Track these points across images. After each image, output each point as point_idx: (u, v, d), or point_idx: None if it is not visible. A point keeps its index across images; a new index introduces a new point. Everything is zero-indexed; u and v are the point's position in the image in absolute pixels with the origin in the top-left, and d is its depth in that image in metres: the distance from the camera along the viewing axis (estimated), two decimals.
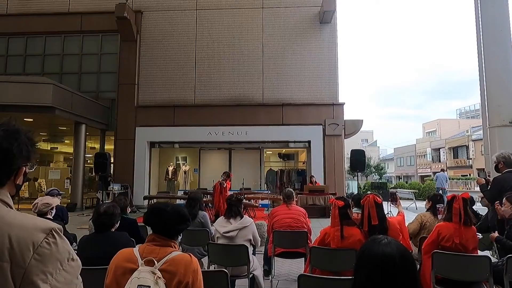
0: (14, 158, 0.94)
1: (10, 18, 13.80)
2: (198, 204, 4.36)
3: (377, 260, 1.16)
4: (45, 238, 0.87)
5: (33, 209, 3.63)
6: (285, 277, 4.72)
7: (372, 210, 2.89)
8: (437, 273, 2.91)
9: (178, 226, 1.77)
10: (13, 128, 0.96)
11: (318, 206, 10.22)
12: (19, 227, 0.87)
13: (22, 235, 0.85)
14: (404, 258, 1.16)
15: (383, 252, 1.17)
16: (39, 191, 14.05)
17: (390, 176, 48.08)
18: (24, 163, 0.98)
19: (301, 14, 13.20)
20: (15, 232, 0.85)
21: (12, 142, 0.94)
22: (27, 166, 1.00)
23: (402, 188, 20.76)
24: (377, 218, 2.87)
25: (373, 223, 2.87)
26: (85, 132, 12.34)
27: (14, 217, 0.89)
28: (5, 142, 0.93)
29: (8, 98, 9.82)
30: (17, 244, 0.84)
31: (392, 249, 1.17)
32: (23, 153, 0.96)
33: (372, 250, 1.20)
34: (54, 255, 0.87)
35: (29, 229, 0.87)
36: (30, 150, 0.99)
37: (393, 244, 1.20)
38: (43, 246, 0.86)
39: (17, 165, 0.95)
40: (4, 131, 0.94)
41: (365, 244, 1.27)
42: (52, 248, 0.87)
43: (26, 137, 0.98)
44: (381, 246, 1.19)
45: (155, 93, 13.15)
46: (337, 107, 12.71)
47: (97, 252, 2.40)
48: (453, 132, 40.65)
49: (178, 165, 14.82)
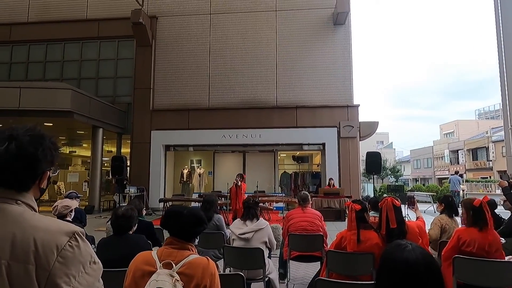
0: (39, 163, 0.96)
1: (30, 26, 14.25)
2: (213, 207, 4.38)
3: (401, 268, 1.11)
4: (68, 241, 0.88)
5: (53, 211, 3.70)
6: (300, 281, 4.68)
7: (390, 213, 2.83)
8: (458, 278, 2.83)
9: (195, 229, 1.78)
10: (38, 133, 0.98)
11: (333, 209, 10.11)
12: (44, 230, 0.88)
13: (47, 238, 0.87)
14: (430, 266, 1.11)
15: (407, 259, 1.12)
16: (58, 194, 14.40)
17: (406, 178, 47.20)
18: (48, 167, 1.00)
19: (314, 16, 13.15)
20: (39, 235, 0.87)
21: (37, 147, 0.95)
22: (51, 170, 1.02)
23: (420, 190, 20.33)
24: (395, 221, 2.81)
25: (391, 226, 2.81)
26: (102, 136, 12.59)
27: (38, 220, 0.91)
28: (31, 147, 0.94)
29: (29, 104, 10.12)
30: (41, 247, 0.85)
31: (417, 256, 1.12)
32: (48, 158, 0.98)
33: (395, 257, 1.15)
34: (77, 258, 0.88)
35: (53, 232, 0.89)
36: (54, 154, 1.01)
37: (418, 250, 1.15)
38: (66, 249, 0.87)
39: (42, 169, 0.97)
40: (30, 136, 0.95)
41: (388, 250, 1.22)
42: (75, 251, 0.88)
43: (50, 142, 1.00)
44: (405, 252, 1.14)
45: (170, 97, 13.31)
46: (351, 109, 12.58)
47: (116, 254, 2.43)
48: (471, 133, 39.64)
49: (193, 168, 14.95)
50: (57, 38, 14.17)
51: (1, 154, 0.91)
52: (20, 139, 0.94)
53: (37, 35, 14.17)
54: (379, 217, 2.96)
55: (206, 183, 14.30)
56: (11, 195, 0.92)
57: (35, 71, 14.35)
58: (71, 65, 14.27)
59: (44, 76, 14.20)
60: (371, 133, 13.11)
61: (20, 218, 0.90)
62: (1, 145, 0.92)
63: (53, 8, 14.27)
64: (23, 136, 0.94)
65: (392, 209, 2.83)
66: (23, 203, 0.94)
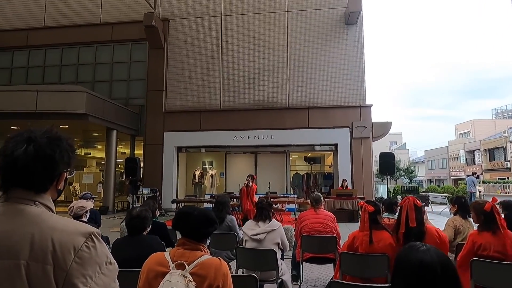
0: (57, 164, 0.97)
1: (46, 30, 14.59)
2: (225, 207, 4.39)
3: (415, 269, 1.10)
4: (85, 242, 0.89)
5: (69, 212, 3.77)
6: (313, 283, 4.64)
7: (410, 212, 2.80)
8: (477, 282, 2.76)
9: (206, 229, 1.79)
10: (55, 136, 1.00)
11: (346, 210, 10.01)
12: (61, 231, 0.90)
13: (64, 239, 0.88)
14: (446, 267, 1.09)
15: (422, 260, 1.10)
16: (74, 195, 14.68)
17: (420, 179, 46.38)
18: (65, 168, 1.01)
19: (326, 16, 13.07)
20: (57, 236, 0.88)
21: (54, 149, 0.97)
22: (68, 172, 1.03)
23: (435, 192, 19.95)
24: (415, 220, 2.77)
25: (410, 225, 2.77)
26: (116, 138, 12.78)
27: (56, 221, 0.92)
28: (48, 149, 0.96)
29: (46, 107, 10.36)
30: (59, 247, 0.86)
31: (432, 257, 1.11)
32: (65, 159, 0.99)
33: (409, 258, 1.14)
34: (94, 258, 0.89)
35: (70, 233, 0.90)
36: (71, 156, 1.02)
37: (433, 251, 1.14)
38: (83, 250, 0.88)
39: (59, 170, 0.99)
40: (48, 138, 0.97)
41: (402, 251, 1.21)
42: (92, 252, 0.89)
43: (67, 144, 1.01)
44: (419, 253, 1.13)
45: (182, 98, 13.42)
46: (364, 109, 12.44)
47: (130, 254, 2.46)
48: (488, 133, 38.71)
49: (205, 169, 15.02)
50: (72, 42, 14.47)
51: (20, 156, 0.92)
52: (38, 141, 0.95)
53: (53, 40, 14.49)
54: (398, 215, 2.93)
55: (218, 184, 14.35)
56: (29, 196, 0.94)
57: (51, 74, 14.67)
58: (86, 68, 14.55)
59: (60, 80, 14.51)
60: (384, 133, 12.94)
61: (38, 219, 0.91)
62: (20, 147, 0.93)
63: (68, 13, 14.58)
64: (41, 138, 0.96)
65: (413, 209, 2.80)
66: (41, 204, 0.95)
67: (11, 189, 0.94)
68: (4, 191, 0.95)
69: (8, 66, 15.05)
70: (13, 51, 14.99)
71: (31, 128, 0.99)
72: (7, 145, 0.95)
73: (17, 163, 0.92)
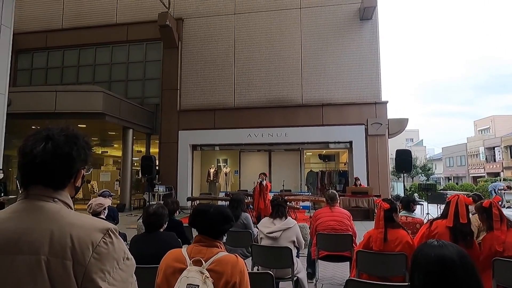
0: (74, 162, 0.99)
1: (64, 32, 14.93)
2: (240, 205, 4.41)
3: (436, 265, 1.10)
4: (103, 238, 0.91)
5: (88, 209, 3.86)
6: (329, 281, 4.62)
7: (461, 208, 2.77)
8: (498, 282, 2.69)
9: (222, 227, 1.80)
10: (72, 133, 1.01)
11: (361, 208, 9.90)
12: (79, 227, 0.91)
13: (82, 235, 0.89)
14: (465, 262, 1.09)
15: (442, 255, 1.11)
16: (92, 193, 15.01)
17: (438, 177, 45.39)
18: (82, 166, 1.03)
19: (340, 12, 12.91)
20: (76, 232, 0.90)
21: (72, 147, 0.98)
22: (85, 169, 1.05)
23: (453, 189, 19.53)
24: (466, 217, 2.73)
25: (461, 221, 2.73)
26: (132, 136, 12.99)
27: (74, 218, 0.94)
28: (66, 146, 0.97)
29: (64, 106, 10.61)
30: (78, 243, 0.88)
31: (450, 251, 1.11)
32: (82, 157, 1.01)
33: (428, 255, 1.14)
34: (111, 254, 0.90)
35: (88, 229, 0.91)
36: (88, 153, 1.03)
37: (449, 245, 1.15)
38: (101, 246, 0.89)
39: (76, 168, 1.00)
40: (65, 136, 0.98)
41: (421, 248, 1.21)
42: (109, 248, 0.90)
43: (84, 142, 1.02)
44: (437, 249, 1.14)
45: (196, 97, 13.52)
46: (380, 105, 12.25)
47: (148, 251, 2.50)
48: (509, 129, 37.51)
49: (219, 167, 15.11)
50: (89, 43, 14.77)
51: (39, 153, 0.94)
52: (56, 139, 0.97)
53: (70, 41, 14.83)
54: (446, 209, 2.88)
55: (233, 182, 14.41)
56: (48, 193, 0.96)
57: (69, 75, 15.02)
58: (102, 68, 14.82)
59: (78, 80, 14.84)
60: (401, 130, 12.71)
61: (57, 216, 0.93)
62: (39, 145, 0.95)
63: (84, 15, 14.87)
64: (58, 136, 0.98)
65: (464, 206, 2.78)
66: (60, 201, 0.97)
67: (30, 186, 0.96)
68: (24, 188, 0.97)
69: (28, 68, 15.48)
70: (32, 52, 15.41)
71: (49, 126, 1.00)
72: (26, 143, 0.96)
73: (36, 161, 0.94)
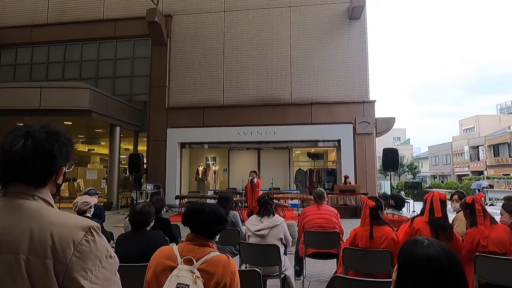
0: (55, 159, 0.96)
1: (50, 27, 14.61)
2: (229, 203, 4.40)
3: (423, 266, 1.08)
4: (85, 236, 0.89)
5: (74, 207, 3.81)
6: (317, 278, 4.66)
7: (436, 203, 2.88)
8: (480, 277, 2.76)
9: (216, 227, 1.79)
10: (53, 130, 0.99)
11: (349, 206, 10.02)
12: (61, 225, 0.89)
13: (63, 233, 0.88)
14: (452, 259, 1.08)
15: (429, 255, 1.09)
16: (78, 191, 14.77)
17: (424, 175, 46.20)
18: (64, 163, 1.00)
19: (329, 11, 12.99)
20: (57, 230, 0.88)
21: (53, 144, 0.96)
22: (66, 166, 1.03)
23: (438, 187, 19.91)
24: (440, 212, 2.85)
25: (436, 215, 2.85)
26: (119, 134, 12.83)
27: (55, 216, 0.92)
28: (47, 143, 0.95)
29: (50, 103, 10.40)
30: (58, 241, 0.86)
31: (437, 251, 1.09)
32: (63, 154, 0.99)
33: (416, 255, 1.11)
34: (93, 252, 0.89)
35: (69, 227, 0.90)
36: (69, 150, 1.01)
37: (436, 244, 1.12)
38: (82, 244, 0.88)
39: (58, 165, 0.98)
40: (46, 133, 0.96)
41: (406, 248, 1.18)
42: (91, 246, 0.89)
43: (65, 138, 1.00)
44: (425, 249, 1.11)
45: (185, 94, 13.42)
46: (367, 104, 12.39)
47: (134, 250, 2.48)
48: (493, 128, 38.42)
49: (208, 165, 15.05)
50: (75, 39, 14.48)
51: (19, 150, 0.92)
52: (36, 135, 0.94)
53: (56, 36, 14.52)
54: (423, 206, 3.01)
55: (221, 180, 14.39)
56: (28, 191, 0.93)
57: (54, 71, 14.72)
58: (89, 65, 14.57)
59: (64, 76, 14.56)
60: (388, 129, 12.88)
61: (37, 214, 0.91)
62: (18, 142, 0.92)
63: (71, 9, 14.58)
64: (39, 132, 0.95)
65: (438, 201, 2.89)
66: (40, 199, 0.95)
67: (10, 183, 0.94)
68: (3, 186, 0.94)
69: (11, 63, 15.11)
70: (16, 47, 15.04)
71: (29, 123, 0.98)
72: (5, 140, 0.94)
73: (16, 158, 0.91)
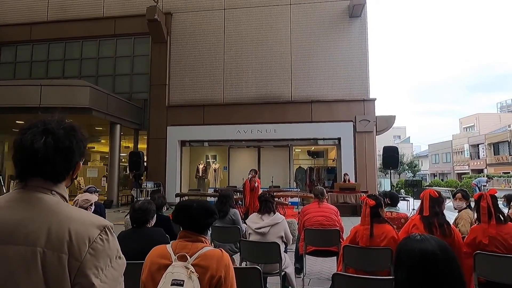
0: (74, 155, 0.99)
1: (50, 25, 14.58)
2: (229, 201, 4.41)
3: (418, 259, 1.12)
4: (100, 234, 0.91)
5: (74, 205, 3.81)
6: (317, 276, 4.67)
7: (425, 202, 2.89)
8: (479, 275, 2.76)
9: (206, 220, 1.81)
10: (70, 126, 1.00)
11: (349, 204, 10.03)
12: (78, 222, 0.91)
13: (80, 230, 0.90)
14: (447, 254, 1.12)
15: (423, 249, 1.13)
16: (78, 189, 14.78)
17: (424, 173, 46.22)
18: (80, 158, 1.03)
19: (329, 9, 12.96)
20: (74, 226, 0.90)
21: (72, 140, 0.98)
22: (82, 161, 1.05)
23: (438, 186, 19.93)
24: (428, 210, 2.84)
25: (424, 214, 2.86)
26: (119, 132, 12.83)
27: (73, 212, 0.94)
28: (66, 140, 0.96)
29: (50, 101, 10.38)
30: (75, 237, 0.88)
31: (431, 244, 1.13)
32: (81, 149, 1.01)
33: (410, 249, 1.15)
34: (106, 251, 0.91)
35: (86, 224, 0.92)
36: (85, 145, 1.04)
37: (430, 239, 1.16)
38: (97, 242, 0.90)
39: (76, 160, 1.00)
40: (64, 129, 0.97)
41: (403, 243, 1.23)
42: (105, 245, 0.91)
43: (81, 134, 1.02)
44: (419, 243, 1.16)
45: (186, 92, 13.41)
46: (368, 103, 12.38)
47: (135, 247, 2.48)
48: (493, 127, 38.41)
49: (208, 163, 15.06)
50: (75, 37, 14.45)
51: (40, 148, 0.93)
52: (55, 132, 0.95)
53: (56, 34, 14.49)
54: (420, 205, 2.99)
55: (221, 178, 14.39)
56: (48, 186, 0.95)
57: (54, 69, 14.70)
58: (89, 62, 14.55)
59: (64, 74, 14.54)
60: (388, 127, 12.87)
61: (56, 208, 0.92)
62: (39, 139, 0.93)
63: (71, 7, 14.55)
64: (57, 129, 0.96)
65: (428, 199, 2.87)
66: (57, 194, 0.96)
67: (29, 178, 0.95)
68: (21, 180, 0.96)
69: (11, 61, 15.09)
70: (16, 45, 15.01)
71: (43, 119, 0.98)
72: (24, 137, 0.94)
73: (37, 155, 0.92)
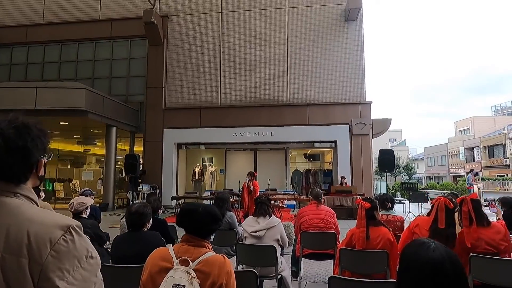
0: (31, 153, 0.93)
1: (45, 27, 14.53)
2: (225, 204, 4.41)
3: (427, 270, 1.07)
4: (63, 235, 0.86)
5: (69, 208, 3.78)
6: (313, 279, 4.67)
7: (441, 213, 2.74)
8: (475, 278, 2.78)
9: (210, 226, 1.78)
10: (23, 124, 0.94)
11: (345, 207, 10.05)
12: (38, 223, 0.87)
13: (40, 231, 0.85)
14: (455, 264, 1.08)
15: (433, 259, 1.07)
16: (74, 192, 14.69)
17: (420, 176, 46.46)
18: (41, 155, 0.97)
19: (325, 12, 13.04)
20: (34, 228, 0.85)
21: (25, 138, 0.92)
22: (45, 157, 0.99)
23: (434, 188, 20.04)
24: (444, 222, 2.71)
25: (439, 226, 2.72)
26: (115, 135, 12.77)
27: (35, 213, 0.89)
28: (19, 140, 0.91)
29: (45, 103, 10.33)
30: (34, 240, 0.84)
31: (441, 255, 1.08)
32: (39, 146, 0.95)
33: (420, 257, 1.10)
34: (71, 252, 0.86)
35: (47, 225, 0.87)
36: (44, 141, 0.97)
37: (440, 248, 1.11)
38: (60, 243, 0.85)
39: (35, 159, 0.95)
40: (15, 128, 0.91)
41: (410, 250, 1.15)
42: (69, 245, 0.86)
43: (37, 130, 0.96)
44: (430, 252, 1.10)
45: (182, 95, 13.41)
46: (364, 106, 12.45)
47: (131, 251, 2.47)
48: (488, 130, 38.74)
49: (205, 166, 15.03)
50: (71, 39, 14.41)
51: None
52: (5, 133, 0.90)
53: (52, 36, 14.43)
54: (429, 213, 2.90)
55: (218, 181, 14.36)
56: (9, 188, 0.91)
57: (50, 71, 14.63)
58: (85, 65, 14.50)
59: (59, 76, 14.47)
60: (384, 130, 12.94)
61: (16, 211, 0.88)
62: None
63: (67, 9, 14.52)
64: (7, 129, 0.90)
65: (443, 210, 2.75)
66: (22, 196, 0.92)
67: None
68: None
69: (7, 63, 15.00)
70: (12, 47, 14.93)
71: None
72: None
73: None
